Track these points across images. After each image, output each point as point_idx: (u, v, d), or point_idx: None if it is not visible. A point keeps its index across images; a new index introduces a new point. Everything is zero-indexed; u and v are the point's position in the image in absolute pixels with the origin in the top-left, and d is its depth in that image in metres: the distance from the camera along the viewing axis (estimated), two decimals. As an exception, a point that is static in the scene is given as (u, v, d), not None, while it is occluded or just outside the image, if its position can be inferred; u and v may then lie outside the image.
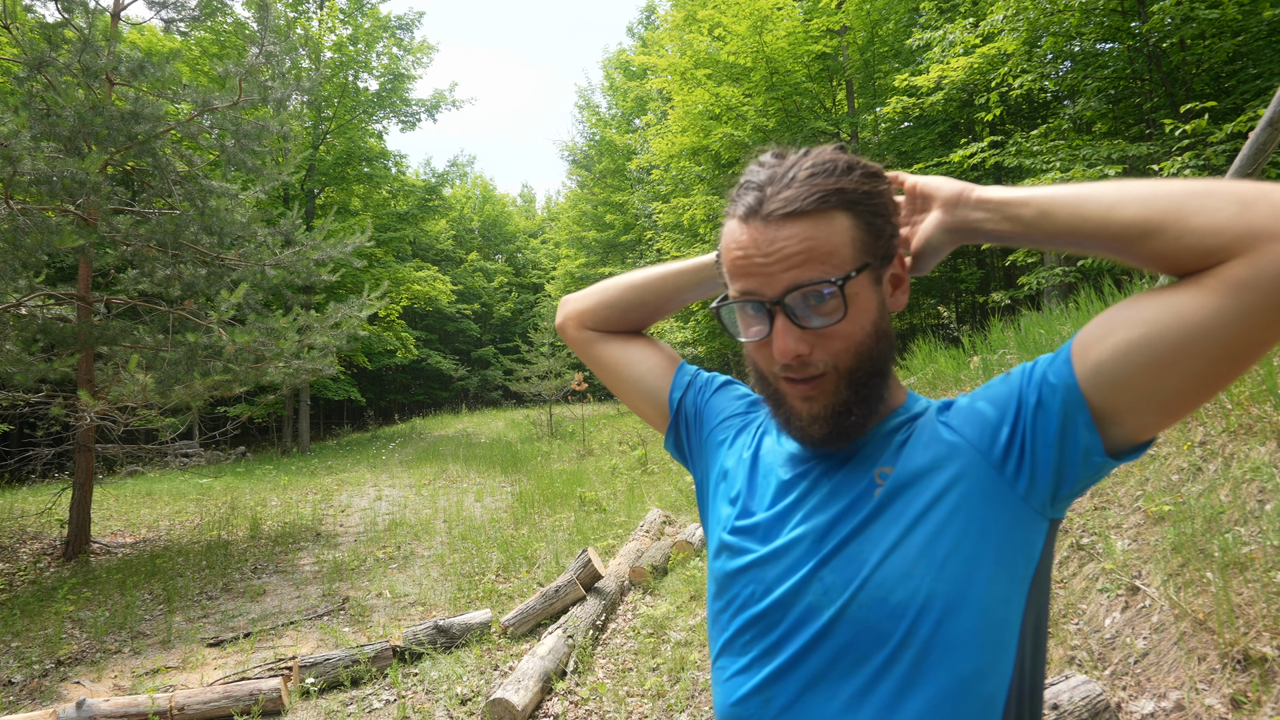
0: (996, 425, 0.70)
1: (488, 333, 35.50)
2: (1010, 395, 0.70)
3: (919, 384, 5.71)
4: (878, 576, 0.69)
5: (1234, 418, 2.70)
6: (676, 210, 13.67)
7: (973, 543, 0.67)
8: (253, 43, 6.66)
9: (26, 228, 5.18)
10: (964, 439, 0.71)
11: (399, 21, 19.04)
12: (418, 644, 4.02)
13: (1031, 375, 0.69)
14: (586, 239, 25.69)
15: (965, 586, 0.66)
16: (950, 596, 0.66)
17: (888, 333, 0.74)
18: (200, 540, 7.28)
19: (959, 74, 8.19)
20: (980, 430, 0.71)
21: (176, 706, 3.39)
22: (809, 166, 0.71)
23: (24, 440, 13.52)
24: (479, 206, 39.01)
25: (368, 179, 20.18)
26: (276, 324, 6.57)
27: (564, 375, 17.76)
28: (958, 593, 0.66)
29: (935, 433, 0.73)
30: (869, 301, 0.71)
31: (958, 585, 0.66)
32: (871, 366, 0.73)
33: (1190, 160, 5.85)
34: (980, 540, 0.67)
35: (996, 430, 0.69)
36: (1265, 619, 1.91)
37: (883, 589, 0.68)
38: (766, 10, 10.62)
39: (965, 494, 0.68)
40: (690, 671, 3.45)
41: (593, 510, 7.44)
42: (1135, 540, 2.55)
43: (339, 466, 13.66)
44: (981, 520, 0.68)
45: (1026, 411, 0.68)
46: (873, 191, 0.71)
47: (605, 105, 26.70)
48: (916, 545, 0.68)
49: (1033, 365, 0.70)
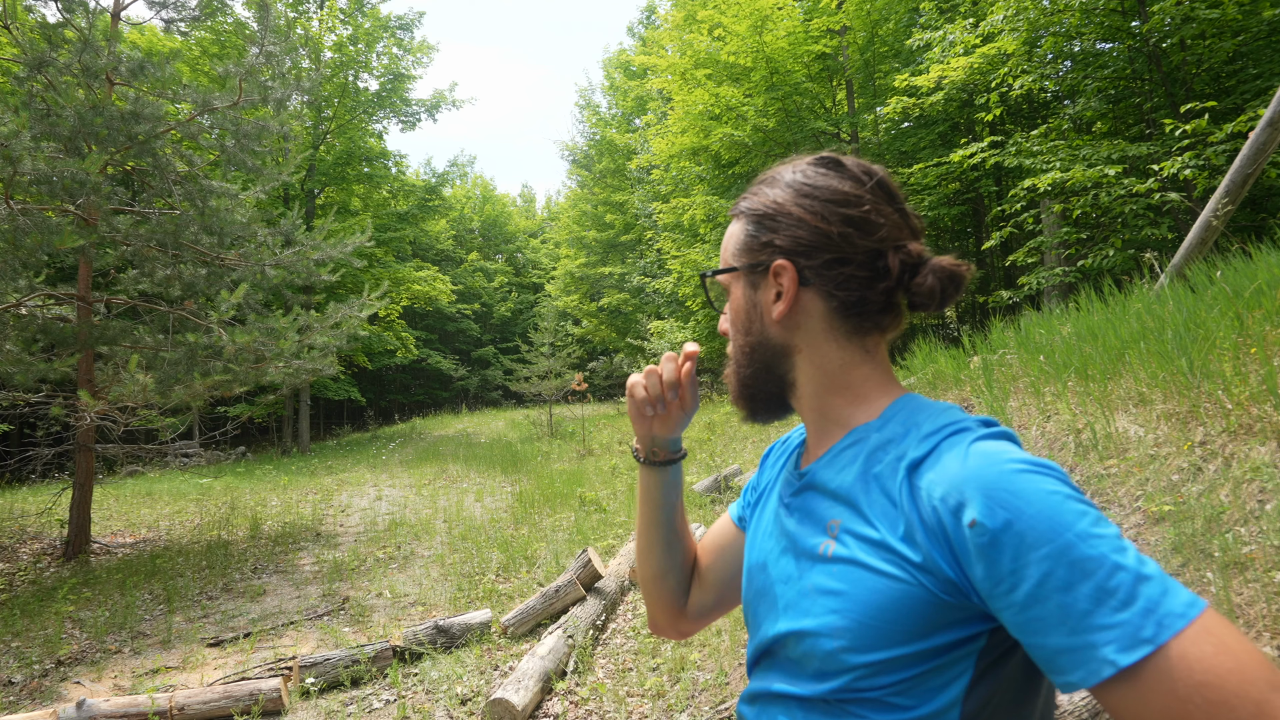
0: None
1: (488, 333, 35.51)
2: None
3: (919, 384, 5.70)
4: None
5: (1234, 418, 2.70)
6: (676, 210, 13.68)
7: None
8: (253, 43, 6.66)
9: (27, 228, 5.17)
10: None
11: (399, 21, 19.04)
12: (418, 644, 4.02)
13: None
14: (586, 239, 25.69)
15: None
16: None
17: (764, 337, 0.76)
18: (200, 540, 7.28)
19: (959, 74, 8.19)
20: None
21: (176, 706, 3.40)
22: (772, 175, 0.78)
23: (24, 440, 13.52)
24: (479, 206, 39.02)
25: (368, 179, 20.18)
26: (276, 324, 6.57)
27: (564, 375, 17.75)
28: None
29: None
30: (740, 302, 0.78)
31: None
32: (749, 362, 0.78)
33: (1190, 160, 5.85)
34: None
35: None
36: (1265, 619, 1.91)
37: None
38: (766, 10, 10.62)
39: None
40: (690, 671, 3.45)
41: (593, 510, 7.44)
42: (1135, 540, 2.55)
43: (339, 466, 13.66)
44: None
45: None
46: (765, 202, 0.75)
47: (605, 105, 26.71)
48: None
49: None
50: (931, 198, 10.71)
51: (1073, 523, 0.54)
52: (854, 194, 0.71)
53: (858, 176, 0.73)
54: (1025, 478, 0.57)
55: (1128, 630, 0.50)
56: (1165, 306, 3.83)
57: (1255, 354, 2.95)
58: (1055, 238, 7.26)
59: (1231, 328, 3.25)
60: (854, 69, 11.71)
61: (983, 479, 0.58)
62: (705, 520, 6.05)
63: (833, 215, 0.71)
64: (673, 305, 17.51)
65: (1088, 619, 0.51)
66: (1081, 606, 0.52)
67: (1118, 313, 4.26)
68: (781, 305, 0.73)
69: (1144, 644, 0.50)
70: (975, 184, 11.11)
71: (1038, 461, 0.59)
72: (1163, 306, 3.86)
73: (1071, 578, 0.52)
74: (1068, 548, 0.53)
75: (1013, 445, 0.63)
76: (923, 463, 0.64)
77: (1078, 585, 0.52)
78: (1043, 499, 0.55)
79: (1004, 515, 0.56)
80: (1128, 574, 0.51)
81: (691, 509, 6.61)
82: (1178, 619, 0.50)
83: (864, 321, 0.73)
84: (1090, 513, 0.55)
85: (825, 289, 0.72)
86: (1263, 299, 3.34)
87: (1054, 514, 0.55)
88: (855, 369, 0.74)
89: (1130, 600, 0.51)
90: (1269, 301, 3.29)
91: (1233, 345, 3.12)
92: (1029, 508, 0.55)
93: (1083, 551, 0.53)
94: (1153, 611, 0.50)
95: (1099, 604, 0.51)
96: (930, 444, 0.64)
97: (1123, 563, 0.52)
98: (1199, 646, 0.49)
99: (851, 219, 0.71)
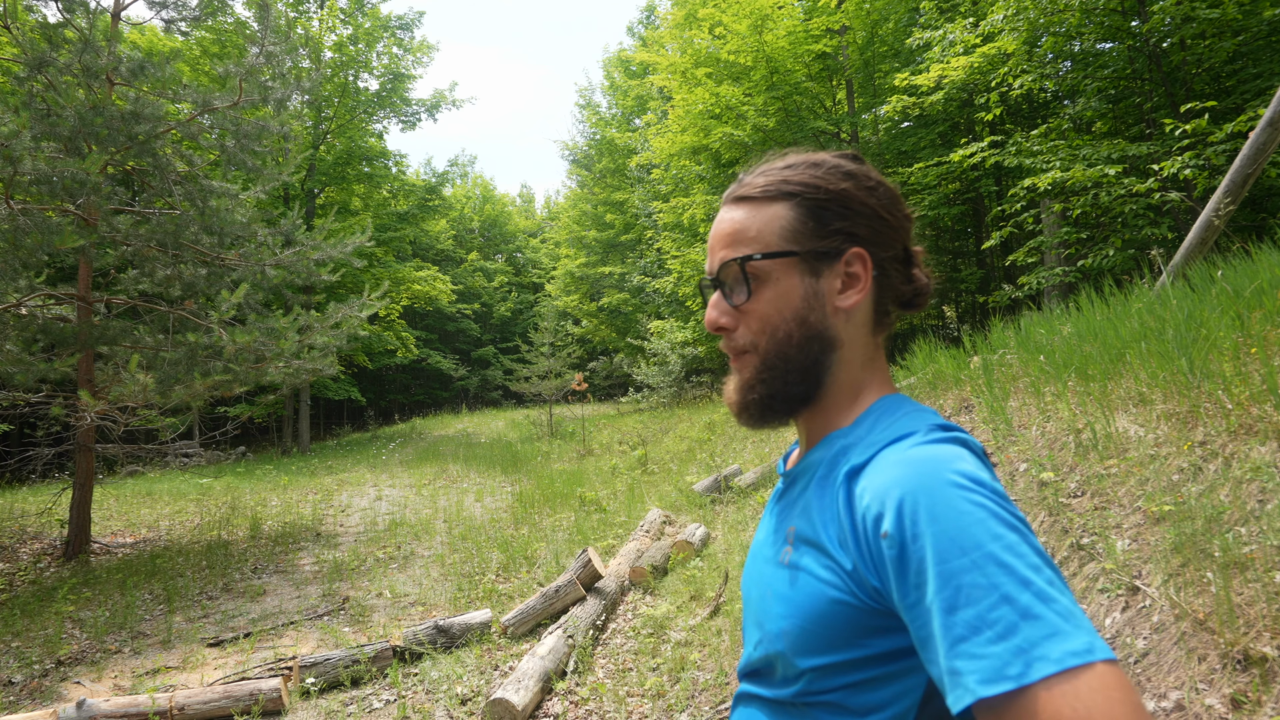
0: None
1: (488, 333, 35.52)
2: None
3: (919, 384, 5.70)
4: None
5: (1234, 418, 2.70)
6: (676, 210, 13.68)
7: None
8: (253, 43, 6.66)
9: (27, 228, 5.18)
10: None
11: (399, 21, 19.04)
12: (418, 644, 4.02)
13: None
14: (586, 238, 25.69)
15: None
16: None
17: (822, 329, 0.71)
18: (200, 540, 7.28)
19: (959, 74, 8.19)
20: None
21: (176, 706, 3.40)
22: (790, 163, 0.74)
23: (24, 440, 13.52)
24: (479, 206, 39.03)
25: (368, 179, 20.19)
26: (277, 324, 6.57)
27: (564, 375, 17.77)
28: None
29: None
30: (791, 289, 0.71)
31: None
32: (788, 355, 0.71)
33: (1190, 160, 5.85)
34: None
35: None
36: (1265, 619, 1.91)
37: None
38: (766, 9, 10.62)
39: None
40: (690, 671, 3.45)
41: (593, 510, 7.44)
42: (1135, 540, 2.55)
43: (339, 466, 13.66)
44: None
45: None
46: (829, 188, 0.71)
47: (605, 105, 26.71)
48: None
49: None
50: (931, 197, 10.71)
51: (978, 544, 0.52)
52: (893, 193, 0.74)
53: (876, 174, 0.76)
54: (948, 491, 0.55)
55: (995, 664, 0.49)
56: (1166, 306, 3.83)
57: (1256, 354, 2.95)
58: (1055, 237, 7.26)
59: (1232, 328, 3.25)
60: (854, 68, 11.71)
61: (903, 489, 0.57)
62: (705, 520, 6.05)
63: (894, 210, 0.74)
64: (673, 305, 17.52)
65: (961, 645, 0.50)
66: (959, 631, 0.51)
67: (1118, 312, 4.26)
68: (856, 295, 0.71)
69: (1006, 680, 0.48)
70: (975, 184, 11.11)
71: (969, 474, 0.57)
72: (1163, 306, 3.86)
73: (957, 601, 0.51)
74: (961, 571, 0.52)
75: (960, 451, 0.60)
76: (861, 470, 0.64)
77: (961, 610, 0.51)
78: (955, 516, 0.54)
79: (913, 528, 0.55)
80: (1013, 609, 0.49)
81: (691, 509, 6.61)
82: (1049, 664, 0.47)
83: (887, 317, 0.75)
84: (1005, 537, 0.52)
85: (883, 281, 0.73)
86: (1263, 299, 3.34)
87: (961, 533, 0.53)
88: (869, 366, 0.74)
89: (1007, 635, 0.49)
90: (1270, 301, 3.29)
91: (1233, 345, 3.11)
92: (936, 523, 0.54)
93: (974, 578, 0.51)
94: (1025, 651, 0.48)
95: (975, 632, 0.50)
96: (873, 450, 0.64)
97: (1014, 596, 0.50)
98: (1064, 699, 0.46)
99: (902, 217, 0.74)
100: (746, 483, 6.49)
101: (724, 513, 6.12)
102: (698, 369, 16.77)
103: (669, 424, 13.48)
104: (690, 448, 9.94)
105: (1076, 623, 0.49)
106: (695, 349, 15.82)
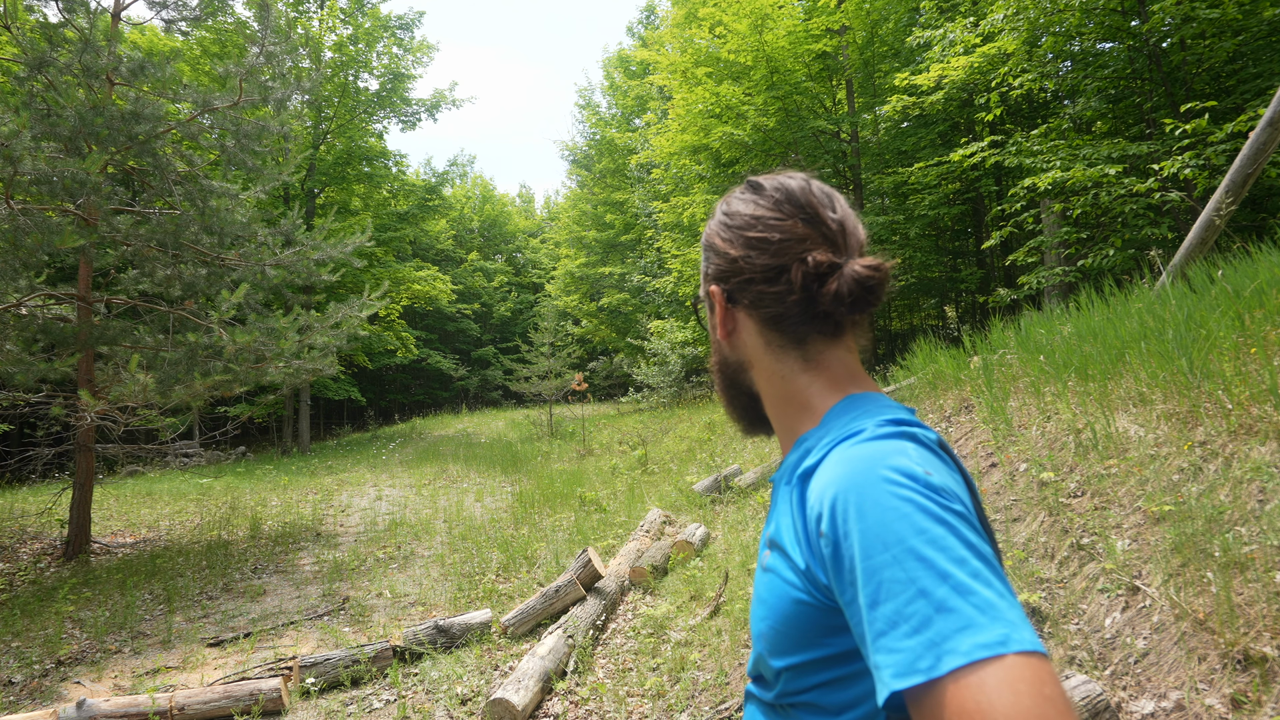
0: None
1: (488, 333, 35.52)
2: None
3: (919, 384, 5.70)
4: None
5: (1234, 418, 2.70)
6: (677, 209, 13.68)
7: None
8: (253, 43, 6.66)
9: (27, 228, 5.17)
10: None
11: (399, 21, 19.04)
12: (418, 644, 4.02)
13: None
14: (586, 239, 25.70)
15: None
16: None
17: (722, 355, 0.82)
18: (200, 540, 7.29)
19: (959, 73, 8.19)
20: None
21: (176, 706, 3.40)
22: (714, 208, 0.84)
23: (24, 440, 13.52)
24: (479, 206, 39.03)
25: (368, 179, 20.18)
26: (277, 324, 6.57)
27: (564, 375, 17.76)
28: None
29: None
30: (710, 324, 0.85)
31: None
32: (720, 379, 0.84)
33: (1190, 160, 5.85)
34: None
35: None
36: (1265, 619, 1.91)
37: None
38: (766, 9, 10.62)
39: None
40: (690, 671, 3.45)
41: (593, 510, 7.44)
42: (1135, 540, 2.55)
43: (339, 466, 13.66)
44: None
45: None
46: (706, 239, 0.82)
47: (605, 105, 26.71)
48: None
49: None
50: (931, 197, 10.71)
51: (900, 539, 0.52)
52: (754, 215, 0.75)
53: (770, 194, 0.76)
54: (877, 488, 0.56)
55: (908, 658, 0.49)
56: (1166, 306, 3.83)
57: (1256, 354, 2.95)
58: (1055, 237, 7.26)
59: (1232, 328, 3.25)
60: (854, 68, 11.71)
61: (837, 488, 0.58)
62: (705, 520, 6.05)
63: (737, 239, 0.76)
64: (673, 305, 17.52)
65: (880, 639, 0.51)
66: (879, 626, 0.51)
67: (1118, 312, 4.26)
68: (721, 326, 0.80)
69: (916, 674, 0.48)
70: (975, 183, 11.11)
71: (901, 469, 0.57)
72: (1163, 306, 3.86)
73: (878, 596, 0.52)
74: (883, 566, 0.52)
75: (902, 445, 0.60)
76: (814, 471, 0.65)
77: (881, 605, 0.52)
78: (881, 511, 0.54)
79: (844, 525, 0.56)
80: (928, 602, 0.50)
81: (692, 508, 6.61)
82: (957, 656, 0.47)
83: (794, 331, 0.73)
84: (929, 531, 0.52)
85: (747, 308, 0.76)
86: (1263, 299, 3.34)
87: (884, 528, 0.53)
88: (795, 379, 0.74)
89: (920, 629, 0.49)
90: (1269, 301, 3.29)
91: (1233, 345, 3.11)
92: (863, 520, 0.55)
93: (894, 573, 0.52)
94: (937, 645, 0.48)
95: (892, 626, 0.51)
96: (824, 451, 0.65)
97: (930, 590, 0.50)
98: (968, 691, 0.46)
99: (751, 240, 0.75)
100: (746, 483, 6.49)
101: (724, 513, 6.12)
102: (697, 369, 16.76)
103: (669, 424, 13.49)
104: (690, 448, 9.95)
105: (994, 615, 0.49)
106: (695, 349, 15.83)
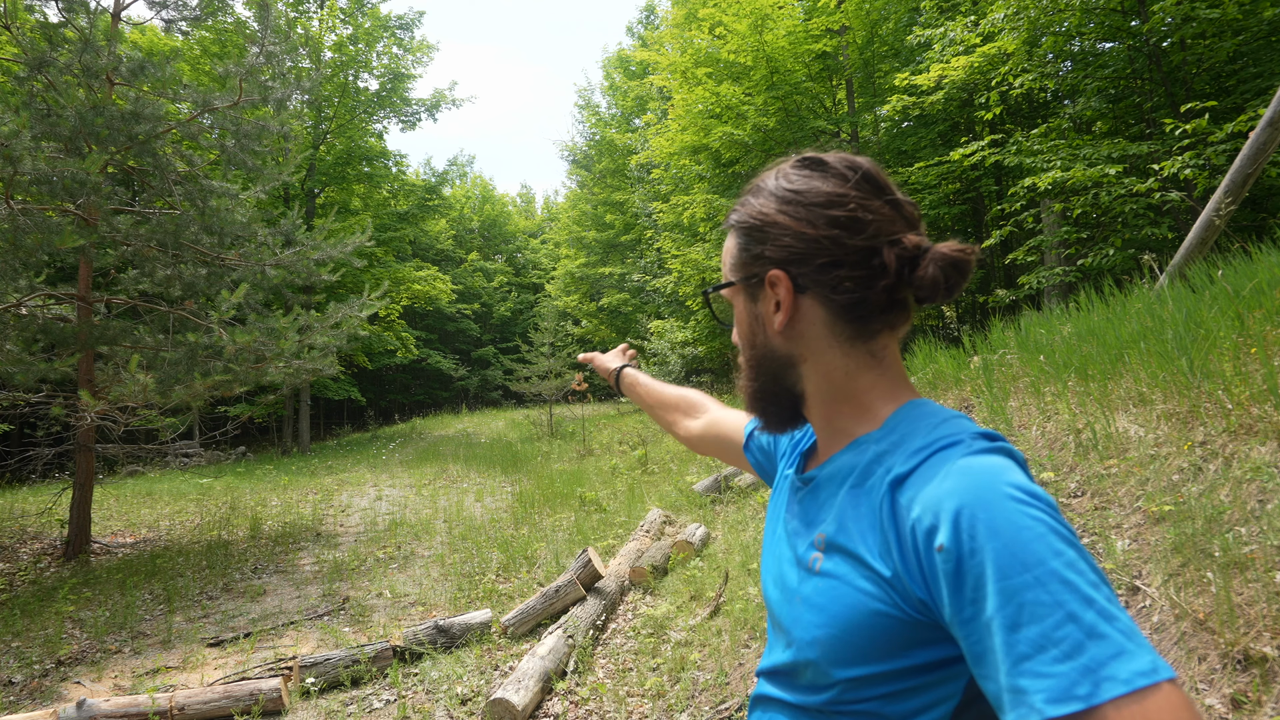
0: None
1: (488, 333, 35.52)
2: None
3: (919, 384, 5.70)
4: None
5: (1234, 418, 2.70)
6: (676, 209, 13.67)
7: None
8: (253, 42, 6.66)
9: (27, 228, 5.17)
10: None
11: (399, 21, 19.04)
12: (418, 644, 4.02)
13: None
14: (586, 239, 25.70)
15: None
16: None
17: (768, 349, 0.75)
18: (200, 540, 7.28)
19: (959, 73, 8.19)
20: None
21: (176, 706, 3.40)
22: (751, 187, 0.77)
23: (24, 440, 13.52)
24: (479, 206, 39.04)
25: (368, 179, 20.18)
26: (277, 324, 6.57)
27: (564, 375, 17.76)
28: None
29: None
30: (741, 315, 0.79)
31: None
32: (757, 373, 0.77)
33: (1190, 160, 5.85)
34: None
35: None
36: (1265, 619, 1.91)
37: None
38: (766, 9, 10.62)
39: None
40: (690, 671, 3.45)
41: (593, 510, 7.44)
42: (1135, 540, 2.55)
43: (339, 466, 13.66)
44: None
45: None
46: (751, 215, 0.74)
47: (605, 105, 26.72)
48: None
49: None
50: (931, 197, 10.71)
51: (1041, 561, 0.51)
52: (837, 193, 0.69)
53: (842, 173, 0.70)
54: (1006, 505, 0.54)
55: (1062, 684, 0.48)
56: (1165, 306, 3.83)
57: (1255, 354, 2.95)
58: (1055, 237, 7.26)
59: (1232, 327, 3.25)
60: (854, 68, 11.71)
61: (958, 501, 0.56)
62: (705, 520, 6.05)
63: (818, 218, 0.69)
64: (673, 305, 17.52)
65: (1025, 663, 0.50)
66: (1022, 650, 0.50)
67: (1118, 312, 4.25)
68: (781, 315, 0.72)
69: (1075, 700, 0.47)
70: (975, 183, 11.10)
71: (1024, 487, 0.56)
72: (1163, 306, 3.86)
73: (1020, 618, 0.50)
74: (1024, 587, 0.51)
75: (1008, 463, 0.59)
76: (906, 479, 0.62)
77: (1025, 627, 0.50)
78: (1015, 530, 0.53)
79: (971, 542, 0.54)
80: (1079, 627, 0.49)
81: (692, 508, 6.60)
82: (1118, 685, 0.47)
83: (869, 323, 0.70)
84: (1066, 553, 0.52)
85: (823, 294, 0.69)
86: (1263, 298, 3.34)
87: (1022, 548, 0.52)
88: (861, 376, 0.71)
89: (1073, 654, 0.48)
90: (1269, 301, 3.29)
91: (1233, 345, 3.11)
92: (997, 538, 0.53)
93: (1038, 595, 0.50)
94: (1094, 671, 0.48)
95: (1040, 650, 0.49)
96: (918, 459, 0.62)
97: (1079, 614, 0.49)
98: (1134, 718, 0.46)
99: (838, 220, 0.68)
100: (747, 483, 6.49)
101: (724, 513, 6.12)
102: (698, 369, 16.77)
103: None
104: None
105: (1139, 642, 0.49)
106: (695, 349, 15.82)
